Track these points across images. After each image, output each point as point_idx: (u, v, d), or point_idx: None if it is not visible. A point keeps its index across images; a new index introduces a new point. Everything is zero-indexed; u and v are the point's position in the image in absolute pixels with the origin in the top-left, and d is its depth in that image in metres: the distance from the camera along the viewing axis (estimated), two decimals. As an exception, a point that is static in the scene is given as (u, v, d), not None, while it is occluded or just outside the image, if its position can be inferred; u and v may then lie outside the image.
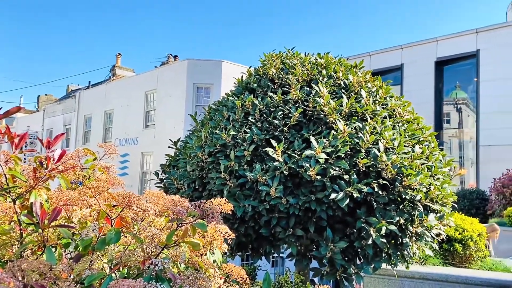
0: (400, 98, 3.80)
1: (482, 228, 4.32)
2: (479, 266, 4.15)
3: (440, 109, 18.05)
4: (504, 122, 15.29)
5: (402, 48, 18.55)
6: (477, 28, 16.46)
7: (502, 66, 15.59)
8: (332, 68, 3.63)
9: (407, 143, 3.26)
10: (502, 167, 12.76)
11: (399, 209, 3.00)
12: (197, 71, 17.46)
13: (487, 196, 12.98)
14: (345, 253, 3.02)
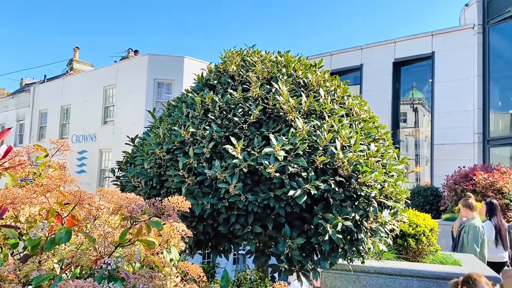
0: (357, 97, 3.89)
1: (434, 224, 4.50)
2: (431, 260, 4.32)
3: (397, 109, 18.65)
4: (457, 122, 16.02)
5: (362, 49, 19.02)
6: (432, 31, 17.11)
7: (455, 68, 16.30)
8: (292, 67, 3.66)
9: (363, 141, 3.34)
10: (454, 165, 13.34)
11: (355, 206, 3.07)
12: (158, 66, 17.16)
13: (440, 193, 13.55)
14: (303, 249, 3.07)
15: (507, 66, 16.50)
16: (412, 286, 3.82)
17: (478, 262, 4.54)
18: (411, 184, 17.64)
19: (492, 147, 15.64)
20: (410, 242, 4.25)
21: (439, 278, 3.76)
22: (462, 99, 15.93)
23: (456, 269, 3.94)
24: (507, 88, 16.70)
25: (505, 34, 15.93)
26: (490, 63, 15.63)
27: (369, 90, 18.45)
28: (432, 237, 4.35)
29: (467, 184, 11.52)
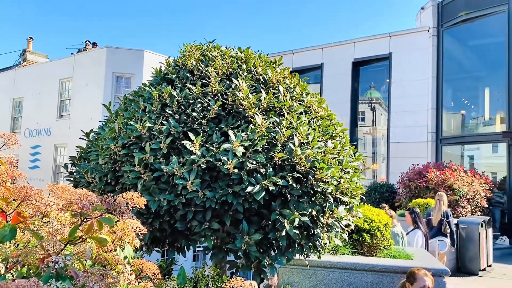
0: (316, 95, 3.95)
1: (388, 219, 4.65)
2: (385, 254, 4.46)
3: (355, 108, 19.10)
4: (412, 121, 16.61)
5: (323, 48, 19.31)
6: (390, 33, 17.62)
7: (411, 69, 16.89)
8: (252, 63, 3.66)
9: (320, 138, 3.39)
10: (409, 163, 13.86)
11: (312, 201, 3.12)
12: (117, 60, 16.72)
13: (395, 189, 14.01)
14: (260, 245, 3.08)
15: (459, 68, 17.28)
16: (366, 279, 3.93)
17: (429, 256, 4.74)
18: (368, 180, 18.16)
19: (444, 146, 16.34)
20: (365, 237, 4.37)
21: (391, 272, 3.89)
22: (417, 99, 16.53)
23: (408, 263, 4.09)
24: (458, 89, 17.49)
25: (458, 37, 16.67)
26: (444, 65, 16.32)
27: (329, 88, 18.80)
28: (386, 232, 4.49)
29: (421, 181, 12.00)
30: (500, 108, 14.96)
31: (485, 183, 12.33)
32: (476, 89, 17.03)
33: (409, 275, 3.51)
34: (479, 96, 16.74)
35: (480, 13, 15.23)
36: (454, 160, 15.31)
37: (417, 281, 3.38)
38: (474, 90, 17.19)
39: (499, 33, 14.69)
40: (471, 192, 11.59)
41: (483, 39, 16.57)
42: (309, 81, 15.34)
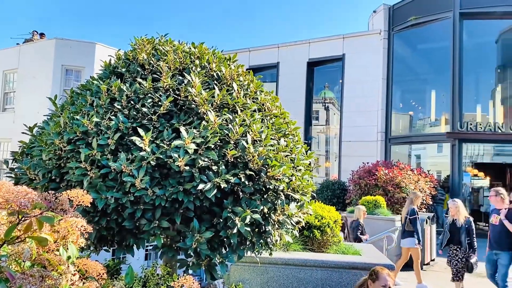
0: (270, 93, 3.97)
1: (338, 216, 4.76)
2: (334, 250, 4.57)
3: (310, 107, 19.42)
4: (363, 121, 17.12)
5: (279, 47, 19.47)
6: (344, 34, 18.05)
7: (363, 70, 17.40)
8: (206, 59, 3.62)
9: (273, 136, 3.41)
10: (360, 161, 14.27)
11: (264, 199, 3.13)
12: (67, 52, 16.04)
13: (346, 187, 14.40)
14: (211, 243, 3.05)
15: (408, 71, 18.01)
16: (316, 275, 4.00)
17: (376, 251, 4.90)
18: (321, 178, 18.56)
19: (393, 145, 16.98)
20: (316, 233, 4.45)
21: (340, 268, 3.99)
22: (368, 100, 17.06)
23: (356, 258, 4.21)
24: (407, 91, 18.24)
25: (407, 41, 17.36)
26: (394, 67, 16.94)
27: (285, 87, 19.00)
28: (336, 229, 4.60)
29: (370, 179, 12.40)
30: (445, 110, 15.74)
31: (430, 181, 12.93)
32: (424, 91, 17.83)
33: (372, 273, 3.51)
34: (426, 98, 17.53)
35: (428, 18, 15.94)
36: (402, 159, 15.95)
37: (379, 280, 3.40)
38: (421, 92, 17.99)
39: (445, 38, 15.45)
40: (417, 189, 12.11)
41: (430, 44, 17.38)
42: (265, 79, 15.43)
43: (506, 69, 16.86)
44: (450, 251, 7.01)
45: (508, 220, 6.17)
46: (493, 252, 6.40)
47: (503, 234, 6.25)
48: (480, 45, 16.76)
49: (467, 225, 6.88)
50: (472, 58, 15.70)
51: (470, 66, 15.58)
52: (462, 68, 15.13)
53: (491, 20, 15.54)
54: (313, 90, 19.50)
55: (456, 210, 7.02)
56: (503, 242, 6.25)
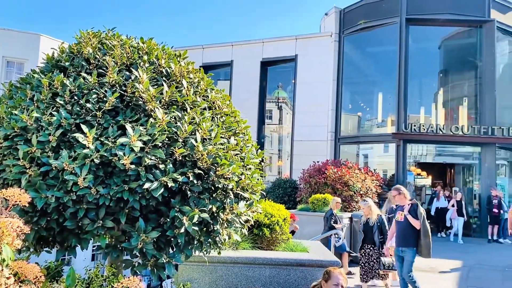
0: (221, 91, 3.94)
1: (287, 214, 4.83)
2: (283, 248, 4.63)
3: (263, 106, 19.56)
4: (314, 121, 17.49)
5: (233, 45, 19.45)
6: (296, 35, 18.33)
7: (314, 71, 17.76)
8: (155, 55, 3.54)
9: (223, 135, 3.40)
10: (311, 160, 14.56)
11: (213, 198, 3.11)
12: (9, 43, 15.16)
13: (298, 185, 14.65)
14: (158, 243, 3.00)
15: (357, 73, 18.59)
16: (264, 273, 4.04)
17: (323, 249, 5.02)
18: (274, 177, 18.77)
19: (342, 145, 17.48)
20: (265, 231, 4.49)
21: (288, 265, 4.05)
22: (319, 100, 17.45)
23: (304, 255, 4.29)
24: (356, 92, 18.82)
25: (357, 44, 17.92)
26: (344, 69, 17.43)
27: (239, 86, 19.03)
28: (285, 226, 4.66)
29: (320, 178, 12.69)
30: (391, 112, 16.41)
31: (376, 180, 13.43)
32: (372, 93, 18.48)
33: (325, 273, 3.60)
34: (374, 99, 18.19)
35: (376, 22, 16.54)
36: (350, 158, 16.46)
37: (331, 279, 3.49)
38: (369, 94, 18.64)
39: (392, 42, 16.10)
40: (364, 188, 12.55)
41: (378, 47, 18.04)
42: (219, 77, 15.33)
43: (447, 73, 17.83)
44: (363, 251, 7.03)
45: (411, 215, 6.27)
46: (399, 248, 6.41)
47: (407, 230, 6.29)
48: (424, 50, 17.62)
49: (379, 223, 6.95)
50: (417, 62, 16.46)
51: (415, 70, 16.34)
52: (408, 71, 15.83)
53: (435, 26, 16.36)
54: (266, 89, 19.67)
55: (368, 209, 7.12)
56: (407, 238, 6.28)
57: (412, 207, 6.36)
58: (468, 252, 11.97)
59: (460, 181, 18.71)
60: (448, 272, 9.22)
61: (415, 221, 6.20)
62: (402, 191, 6.56)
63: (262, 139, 19.60)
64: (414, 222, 6.21)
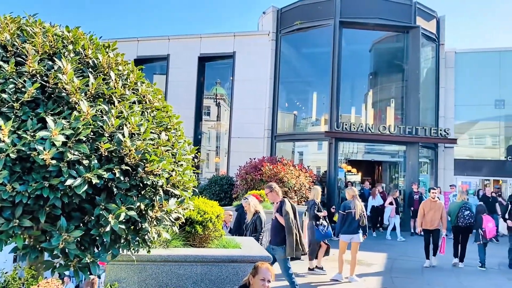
0: (152, 85, 3.84)
1: (220, 210, 4.81)
2: (216, 244, 4.61)
3: (201, 102, 19.39)
4: (251, 118, 17.64)
5: (170, 39, 19.07)
6: (235, 32, 18.36)
7: (252, 69, 17.90)
8: (81, 45, 3.35)
9: (154, 130, 3.30)
10: (248, 157, 14.67)
11: (141, 195, 3.02)
12: None
13: (234, 182, 14.69)
14: (82, 243, 2.85)
15: (293, 73, 19.01)
16: (196, 270, 4.00)
17: (256, 245, 5.07)
18: (211, 173, 18.69)
19: (278, 142, 17.80)
20: (198, 228, 4.44)
21: (220, 262, 4.04)
22: (257, 98, 17.62)
23: (236, 252, 4.31)
24: (292, 91, 19.24)
25: (293, 44, 18.31)
26: (280, 68, 17.74)
27: (175, 81, 18.69)
28: (218, 223, 4.64)
29: (256, 174, 12.83)
30: (325, 111, 17.00)
31: (309, 176, 13.83)
32: (307, 92, 19.01)
33: (253, 268, 3.64)
34: (309, 99, 18.73)
35: (312, 24, 17.00)
36: (286, 155, 16.82)
37: (258, 274, 3.52)
38: (305, 94, 19.15)
39: (326, 44, 16.65)
40: (298, 184, 12.88)
41: (313, 48, 18.57)
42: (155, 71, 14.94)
43: (377, 75, 18.79)
44: None
45: (278, 213, 6.21)
46: (270, 246, 6.40)
47: (277, 228, 6.24)
48: (356, 52, 18.42)
49: (254, 221, 6.94)
50: (349, 64, 17.17)
51: (347, 71, 17.03)
52: (341, 73, 16.47)
53: (366, 30, 17.16)
54: (204, 85, 19.51)
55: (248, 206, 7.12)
56: (277, 236, 6.24)
57: (279, 205, 6.30)
58: (393, 245, 12.72)
59: (387, 177, 19.84)
60: (375, 264, 9.74)
61: (281, 218, 6.14)
62: (273, 188, 6.41)
63: (199, 136, 19.42)
64: (280, 219, 6.16)
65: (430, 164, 18.16)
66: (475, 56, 18.55)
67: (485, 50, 18.90)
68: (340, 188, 17.39)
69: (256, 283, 3.47)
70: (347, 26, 16.71)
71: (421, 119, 16.83)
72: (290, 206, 6.28)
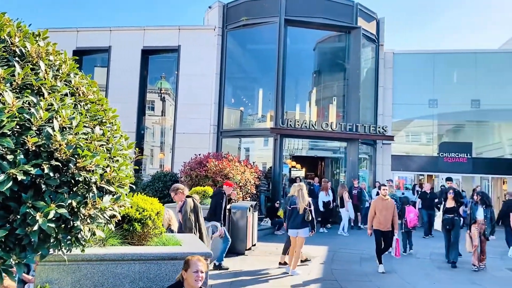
0: (86, 77, 3.66)
1: (161, 207, 4.71)
2: (156, 242, 4.51)
3: (144, 96, 18.90)
4: (197, 114, 17.45)
5: (111, 30, 18.38)
6: (180, 26, 18.04)
7: (198, 64, 17.69)
8: (7, 32, 3.12)
9: (87, 124, 3.16)
10: (193, 153, 14.50)
11: (73, 192, 2.88)
12: None
13: (178, 178, 14.47)
14: (6, 243, 2.67)
15: (239, 68, 19.04)
16: (134, 269, 3.88)
17: (198, 241, 5.02)
18: (155, 170, 18.29)
19: (224, 138, 17.76)
20: (136, 226, 4.32)
21: (159, 259, 3.96)
22: (202, 93, 17.46)
23: (176, 249, 4.24)
24: (238, 87, 19.27)
25: (239, 40, 18.31)
26: (227, 63, 17.68)
27: (117, 74, 18.06)
28: (158, 221, 4.54)
29: (201, 170, 12.73)
30: (271, 108, 17.17)
31: (255, 172, 13.94)
32: (253, 89, 19.11)
33: (184, 263, 3.66)
34: (255, 95, 18.83)
35: (257, 20, 17.08)
36: (232, 151, 16.82)
37: (190, 267, 3.56)
38: (251, 90, 19.24)
39: (272, 41, 16.80)
40: (243, 180, 12.93)
41: (259, 45, 18.69)
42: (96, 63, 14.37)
43: (320, 74, 19.28)
44: None
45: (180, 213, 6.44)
46: None
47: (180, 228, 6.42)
48: (301, 51, 18.77)
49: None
50: (294, 62, 17.46)
51: (292, 69, 17.31)
52: (286, 70, 16.71)
53: (310, 29, 17.51)
54: (147, 79, 19.01)
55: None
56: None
57: (182, 204, 6.53)
58: (335, 238, 13.15)
59: (329, 173, 20.45)
60: (317, 256, 10.01)
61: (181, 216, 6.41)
62: (178, 189, 6.63)
63: (142, 131, 18.93)
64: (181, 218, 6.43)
65: (369, 160, 18.94)
66: (412, 57, 19.56)
67: (421, 51, 19.97)
68: (285, 183, 17.69)
69: (190, 277, 3.50)
70: (291, 24, 16.95)
71: (361, 117, 17.49)
72: (192, 205, 6.44)
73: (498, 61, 18.90)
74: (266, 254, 10.26)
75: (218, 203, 8.58)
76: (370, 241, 12.63)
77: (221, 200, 8.66)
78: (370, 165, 18.82)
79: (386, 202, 9.03)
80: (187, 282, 3.53)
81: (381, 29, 19.02)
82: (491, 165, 18.40)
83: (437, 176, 18.85)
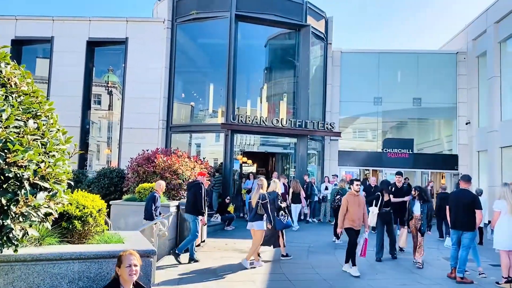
0: (20, 68, 3.46)
1: (102, 205, 4.55)
2: (97, 240, 4.36)
3: (89, 89, 18.22)
4: (145, 108, 17.05)
5: (54, 20, 17.54)
6: (127, 17, 17.53)
7: (146, 57, 17.28)
8: None
9: (20, 117, 2.98)
10: (141, 148, 14.12)
11: (3, 189, 2.72)
12: None
13: (125, 174, 14.05)
14: None
15: (190, 63, 18.78)
16: (73, 269, 3.73)
17: (141, 238, 4.91)
18: (101, 166, 17.68)
19: (173, 133, 17.47)
20: (76, 224, 4.16)
21: (100, 258, 3.83)
22: (151, 87, 17.07)
23: (118, 246, 4.12)
24: (189, 82, 19.01)
25: (190, 33, 18.06)
26: (176, 57, 17.39)
27: (61, 65, 17.27)
28: (99, 218, 4.39)
29: (149, 166, 12.43)
30: (222, 103, 17.10)
31: (205, 168, 13.82)
32: (204, 84, 18.92)
33: (117, 259, 3.62)
34: (206, 90, 18.66)
35: (208, 14, 16.92)
36: (183, 147, 16.59)
37: (123, 262, 3.52)
38: (202, 85, 19.04)
39: (223, 36, 16.71)
40: (193, 176, 12.77)
41: (210, 39, 18.53)
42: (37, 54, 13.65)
43: (271, 71, 19.44)
44: None
45: None
46: None
47: None
48: (252, 47, 18.82)
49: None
50: (245, 58, 17.48)
51: (243, 65, 17.33)
52: (237, 66, 16.69)
53: (261, 25, 17.59)
54: (93, 71, 18.32)
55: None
56: None
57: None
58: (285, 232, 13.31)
59: (279, 168, 20.72)
60: (266, 251, 10.10)
61: None
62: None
63: (87, 125, 18.24)
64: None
65: (318, 156, 19.39)
66: (359, 56, 20.20)
67: (367, 51, 20.65)
68: (235, 179, 17.71)
69: (124, 272, 3.48)
70: (243, 20, 16.94)
71: (311, 113, 17.84)
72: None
73: (438, 62, 19.95)
74: (216, 250, 10.23)
75: (198, 194, 8.59)
76: (317, 234, 12.97)
77: (200, 190, 8.67)
78: (319, 160, 19.26)
79: (357, 198, 8.52)
80: (122, 278, 3.50)
81: (329, 28, 19.47)
82: (430, 160, 19.43)
83: (381, 171, 19.63)
